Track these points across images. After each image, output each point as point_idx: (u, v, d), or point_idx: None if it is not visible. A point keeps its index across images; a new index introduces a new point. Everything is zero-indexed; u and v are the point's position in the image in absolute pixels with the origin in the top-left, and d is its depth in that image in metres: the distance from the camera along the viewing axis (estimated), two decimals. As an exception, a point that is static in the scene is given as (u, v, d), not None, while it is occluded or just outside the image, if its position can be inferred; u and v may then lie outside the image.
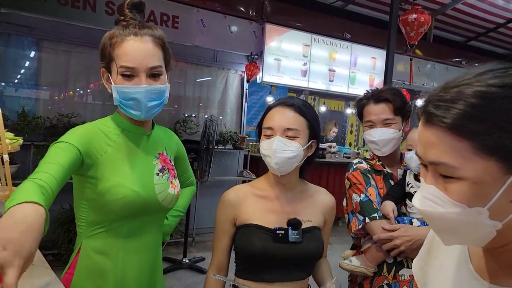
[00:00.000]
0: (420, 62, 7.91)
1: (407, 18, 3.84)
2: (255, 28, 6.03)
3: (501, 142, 0.58)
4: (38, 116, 4.49)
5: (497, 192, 0.60)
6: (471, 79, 0.63)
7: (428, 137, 0.64)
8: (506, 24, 7.84)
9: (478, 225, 0.62)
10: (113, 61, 1.23)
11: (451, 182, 0.62)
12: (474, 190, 0.60)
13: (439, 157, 0.62)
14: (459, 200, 0.61)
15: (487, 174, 0.60)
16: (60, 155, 1.14)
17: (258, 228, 1.38)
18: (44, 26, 4.58)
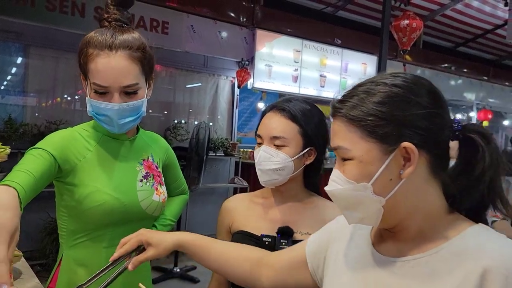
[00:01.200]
0: (410, 67, 7.95)
1: (399, 24, 3.84)
2: (245, 34, 6.01)
3: (377, 128, 0.72)
4: (25, 124, 4.41)
5: (378, 170, 0.72)
6: (368, 81, 0.77)
7: (333, 127, 0.79)
8: (493, 30, 7.94)
9: (366, 200, 0.74)
10: (88, 73, 1.19)
11: (346, 163, 0.76)
12: (360, 168, 0.74)
13: (338, 142, 0.77)
14: (350, 178, 0.75)
15: (370, 155, 0.73)
16: (33, 163, 1.10)
17: (246, 235, 1.30)
18: (32, 31, 4.50)
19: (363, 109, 0.74)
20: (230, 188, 5.70)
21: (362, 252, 0.85)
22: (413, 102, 0.72)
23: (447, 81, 8.73)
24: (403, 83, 0.74)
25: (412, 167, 0.72)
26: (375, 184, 0.73)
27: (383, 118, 0.72)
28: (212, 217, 5.93)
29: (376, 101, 0.73)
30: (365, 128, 0.73)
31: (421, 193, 0.75)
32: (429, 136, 0.73)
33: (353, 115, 0.74)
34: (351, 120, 0.74)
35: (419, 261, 0.74)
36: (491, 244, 0.70)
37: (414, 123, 0.72)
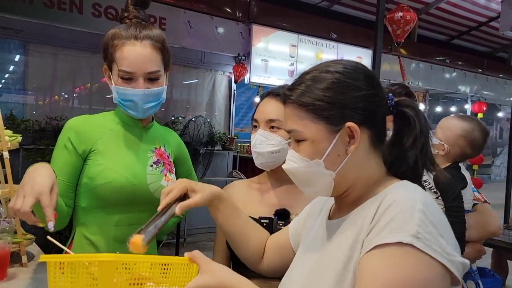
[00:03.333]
0: (405, 61, 8.02)
1: (393, 16, 3.90)
2: (242, 29, 6.06)
3: (324, 111, 0.82)
4: (26, 120, 4.46)
5: (328, 148, 0.82)
6: (313, 69, 0.87)
7: (285, 112, 0.88)
8: (488, 23, 8.01)
9: (319, 174, 0.84)
10: (114, 63, 1.29)
11: (301, 144, 0.85)
12: (313, 147, 0.83)
13: (291, 126, 0.86)
14: (304, 156, 0.84)
15: (320, 135, 0.82)
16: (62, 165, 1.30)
17: None
18: (31, 29, 4.55)
19: (311, 95, 0.83)
20: (228, 182, 5.73)
21: (320, 223, 0.95)
22: (352, 86, 0.83)
23: (442, 73, 8.81)
24: (343, 69, 0.84)
25: (356, 143, 0.82)
26: (326, 160, 0.83)
27: (328, 102, 0.82)
28: (211, 209, 5.98)
29: (322, 87, 0.83)
30: (314, 112, 0.82)
31: (364, 164, 0.85)
32: (369, 114, 0.83)
33: (303, 101, 0.83)
34: (301, 106, 0.84)
35: (350, 216, 0.84)
36: (397, 189, 0.81)
37: (354, 105, 0.82)
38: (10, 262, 1.32)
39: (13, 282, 1.26)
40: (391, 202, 0.75)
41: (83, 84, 5.26)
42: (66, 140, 1.31)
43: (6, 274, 1.29)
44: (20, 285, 1.24)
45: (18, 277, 1.30)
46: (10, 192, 1.35)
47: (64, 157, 1.30)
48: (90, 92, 5.28)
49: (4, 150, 1.30)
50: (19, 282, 1.27)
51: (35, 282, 1.27)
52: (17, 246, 1.37)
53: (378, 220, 0.75)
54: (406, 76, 7.78)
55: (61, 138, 1.33)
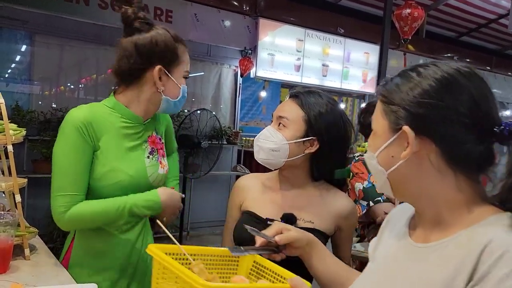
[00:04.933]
0: (413, 57, 7.95)
1: (401, 13, 3.86)
2: (248, 23, 6.03)
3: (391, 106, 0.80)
4: (32, 110, 4.47)
5: (383, 145, 0.81)
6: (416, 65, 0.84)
7: None
8: (497, 20, 7.91)
9: (374, 167, 0.85)
10: (180, 65, 1.43)
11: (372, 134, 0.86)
12: (373, 139, 0.85)
13: (374, 116, 0.87)
14: (368, 145, 0.87)
15: (381, 129, 0.83)
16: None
17: (251, 216, 1.35)
18: (37, 19, 4.54)
19: (387, 88, 0.83)
20: (233, 176, 5.78)
21: (399, 240, 0.88)
22: (431, 96, 0.76)
23: (450, 70, 8.73)
24: (434, 75, 0.78)
25: (409, 150, 0.77)
26: (379, 156, 0.83)
27: (399, 101, 0.79)
28: (215, 204, 6.03)
29: (398, 82, 0.81)
30: (385, 106, 0.82)
31: (431, 180, 0.78)
32: (437, 128, 0.76)
33: (382, 93, 0.84)
34: (380, 96, 0.84)
35: (439, 248, 0.76)
36: (501, 229, 0.70)
37: (424, 113, 0.76)
38: (13, 255, 1.33)
39: (16, 275, 1.27)
40: (503, 253, 0.65)
41: (89, 75, 5.26)
42: (79, 134, 1.29)
43: (9, 267, 1.29)
44: (23, 278, 1.24)
45: (21, 270, 1.31)
46: (14, 185, 1.35)
47: (87, 152, 1.31)
48: (96, 83, 5.28)
49: (9, 144, 1.30)
50: (22, 275, 1.27)
51: (37, 275, 1.28)
52: (20, 239, 1.37)
53: (487, 271, 0.66)
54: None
55: (72, 132, 1.29)
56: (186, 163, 4.82)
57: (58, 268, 1.34)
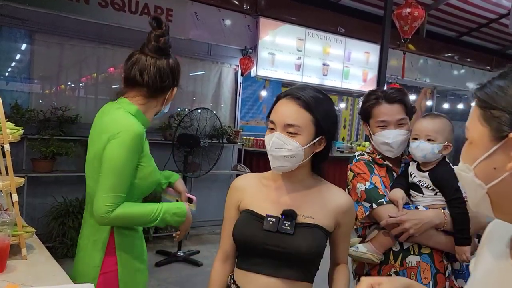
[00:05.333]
0: (413, 57, 7.94)
1: (401, 12, 3.85)
2: (249, 22, 6.02)
3: (493, 112, 0.71)
4: (31, 109, 4.46)
5: (483, 155, 0.72)
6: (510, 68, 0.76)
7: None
8: (498, 20, 7.90)
9: (470, 182, 0.75)
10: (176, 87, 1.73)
11: (467, 143, 0.77)
12: (469, 149, 0.75)
13: (467, 123, 0.78)
14: (462, 156, 0.77)
15: (479, 138, 0.73)
16: None
17: (252, 214, 1.36)
18: (37, 18, 4.53)
19: (491, 94, 0.72)
20: (233, 175, 5.77)
21: (498, 260, 0.81)
22: None
23: (450, 70, 8.72)
24: None
25: None
26: (477, 168, 0.73)
27: (504, 106, 0.70)
28: (215, 203, 6.02)
29: (501, 85, 0.72)
30: (485, 111, 0.72)
31: None
32: None
33: (481, 97, 0.74)
34: (478, 102, 0.74)
35: None
36: None
37: None
38: (10, 255, 1.32)
39: (13, 275, 1.26)
40: None
41: (89, 74, 5.25)
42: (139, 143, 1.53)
43: (6, 267, 1.29)
44: (20, 278, 1.24)
45: (18, 269, 1.30)
46: (11, 184, 1.35)
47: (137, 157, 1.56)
48: (96, 82, 5.26)
49: (6, 143, 1.29)
50: (19, 275, 1.27)
51: (34, 275, 1.27)
52: (17, 239, 1.37)
53: None
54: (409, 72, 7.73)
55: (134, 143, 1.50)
56: (186, 162, 4.81)
57: (55, 268, 1.33)
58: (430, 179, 1.66)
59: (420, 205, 1.67)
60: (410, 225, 1.56)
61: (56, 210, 4.41)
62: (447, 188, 1.63)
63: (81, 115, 4.78)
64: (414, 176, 1.71)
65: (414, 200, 1.72)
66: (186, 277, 4.15)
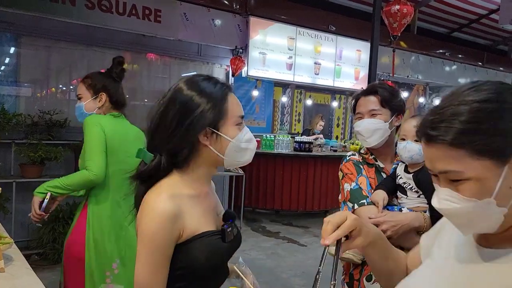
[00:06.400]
0: (405, 54, 7.94)
1: (390, 9, 3.83)
2: (239, 22, 5.98)
3: (489, 144, 0.73)
4: (18, 114, 4.39)
5: (498, 183, 0.73)
6: (455, 101, 0.77)
7: (432, 153, 0.79)
8: (488, 15, 7.93)
9: (489, 214, 0.75)
10: None
11: (461, 183, 0.76)
12: (480, 185, 0.74)
13: (445, 167, 0.77)
14: (470, 196, 0.75)
15: (486, 171, 0.74)
16: None
17: (209, 235, 1.15)
18: (23, 21, 4.46)
19: (469, 132, 0.74)
20: (226, 176, 5.73)
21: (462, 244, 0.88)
22: (509, 110, 0.75)
23: (442, 67, 8.73)
24: (492, 95, 0.76)
25: None
26: (497, 197, 0.74)
27: (492, 135, 0.73)
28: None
29: (480, 120, 0.74)
30: (475, 147, 0.73)
31: None
32: None
33: (460, 140, 0.74)
34: (456, 144, 0.74)
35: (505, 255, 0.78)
36: None
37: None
38: (-13, 267, 1.27)
39: (-10, 288, 1.22)
40: None
41: (78, 76, 5.18)
42: None
43: (-18, 280, 1.24)
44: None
45: (-5, 282, 1.26)
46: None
47: None
48: (85, 85, 5.21)
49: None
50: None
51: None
52: (-5, 250, 1.32)
53: None
54: (400, 69, 7.73)
55: None
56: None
57: (33, 279, 1.28)
58: (413, 181, 1.65)
59: (404, 207, 1.66)
60: (387, 227, 1.55)
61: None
62: (429, 191, 1.62)
63: (70, 118, 4.71)
64: (400, 177, 1.70)
65: (400, 201, 1.71)
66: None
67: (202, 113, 1.14)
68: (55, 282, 3.84)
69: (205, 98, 1.16)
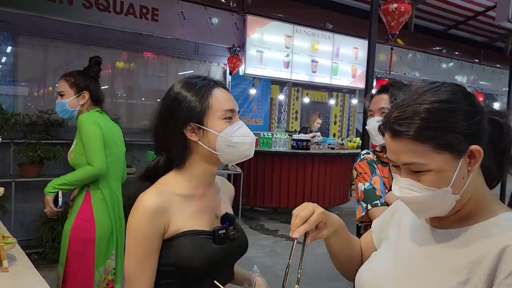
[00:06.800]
0: (402, 51, 7.96)
1: (387, 8, 3.84)
2: (236, 20, 5.98)
3: (449, 140, 0.83)
4: (17, 113, 4.39)
5: (454, 174, 0.85)
6: (419, 100, 0.86)
7: (398, 147, 0.87)
8: (485, 12, 7.94)
9: (445, 200, 0.87)
10: None
11: (422, 174, 0.86)
12: (439, 176, 0.85)
13: (410, 160, 0.86)
14: (431, 186, 0.85)
15: (446, 163, 0.84)
16: None
17: (196, 234, 1.17)
18: (20, 20, 4.45)
19: (432, 128, 0.83)
20: (224, 175, 5.73)
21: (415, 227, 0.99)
22: (466, 111, 0.85)
23: (439, 64, 8.75)
24: (450, 96, 0.86)
25: (478, 162, 0.86)
26: (453, 186, 0.85)
27: (452, 132, 0.83)
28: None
29: (441, 118, 0.84)
30: (437, 143, 0.83)
31: (477, 180, 0.90)
32: (481, 133, 0.87)
33: (424, 135, 0.83)
34: (420, 138, 0.84)
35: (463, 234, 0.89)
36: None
37: (473, 128, 0.85)
38: (-10, 267, 1.29)
39: (-7, 288, 1.23)
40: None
41: (76, 76, 5.18)
42: None
43: (-14, 279, 1.25)
44: (1, 291, 1.20)
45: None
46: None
47: None
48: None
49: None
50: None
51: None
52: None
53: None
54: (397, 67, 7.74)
55: None
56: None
57: (37, 278, 1.30)
58: None
59: None
60: None
61: (45, 215, 4.35)
62: None
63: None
64: None
65: None
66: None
67: (186, 108, 1.17)
68: (55, 281, 3.86)
69: (189, 93, 1.18)
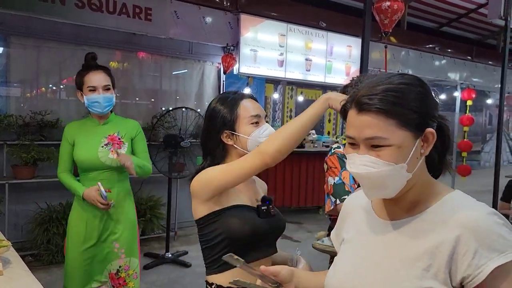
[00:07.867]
0: (395, 49, 7.98)
1: (380, 6, 3.84)
2: (230, 19, 5.97)
3: (413, 119, 0.89)
4: (9, 115, 4.36)
5: (411, 152, 0.90)
6: (387, 81, 0.93)
7: (362, 121, 0.91)
8: (477, 9, 7.98)
9: (399, 177, 0.91)
10: (83, 85, 2.41)
11: (382, 149, 0.90)
12: (399, 152, 0.89)
13: (374, 133, 0.89)
14: (390, 161, 0.89)
15: (406, 141, 0.90)
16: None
17: (243, 208, 1.43)
18: (12, 20, 4.42)
19: (400, 104, 0.89)
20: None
21: (369, 222, 1.04)
22: (429, 96, 0.94)
23: (431, 61, 8.79)
24: (414, 81, 0.94)
25: (430, 146, 0.93)
26: (408, 163, 0.90)
27: (416, 111, 0.90)
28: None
29: (411, 97, 0.90)
30: (402, 119, 0.89)
31: (422, 167, 0.95)
32: (436, 121, 0.95)
33: (393, 110, 0.89)
34: (388, 113, 0.89)
35: (418, 221, 0.94)
36: (463, 211, 0.90)
37: (433, 113, 0.93)
38: (-14, 270, 1.28)
39: (-11, 291, 1.22)
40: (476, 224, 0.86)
41: (69, 76, 5.15)
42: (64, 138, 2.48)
43: (-19, 283, 1.24)
44: (-4, 294, 1.20)
45: (-6, 285, 1.26)
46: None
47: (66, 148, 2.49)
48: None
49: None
50: (-5, 291, 1.22)
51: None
52: (-7, 253, 1.32)
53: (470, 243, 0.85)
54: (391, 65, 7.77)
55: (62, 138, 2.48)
56: (171, 163, 4.76)
57: (32, 281, 1.29)
58: None
59: None
60: None
61: (40, 216, 4.34)
62: None
63: (62, 118, 4.69)
64: None
65: None
66: (175, 278, 4.10)
67: (220, 118, 1.46)
68: (50, 282, 3.84)
69: (222, 106, 1.47)
